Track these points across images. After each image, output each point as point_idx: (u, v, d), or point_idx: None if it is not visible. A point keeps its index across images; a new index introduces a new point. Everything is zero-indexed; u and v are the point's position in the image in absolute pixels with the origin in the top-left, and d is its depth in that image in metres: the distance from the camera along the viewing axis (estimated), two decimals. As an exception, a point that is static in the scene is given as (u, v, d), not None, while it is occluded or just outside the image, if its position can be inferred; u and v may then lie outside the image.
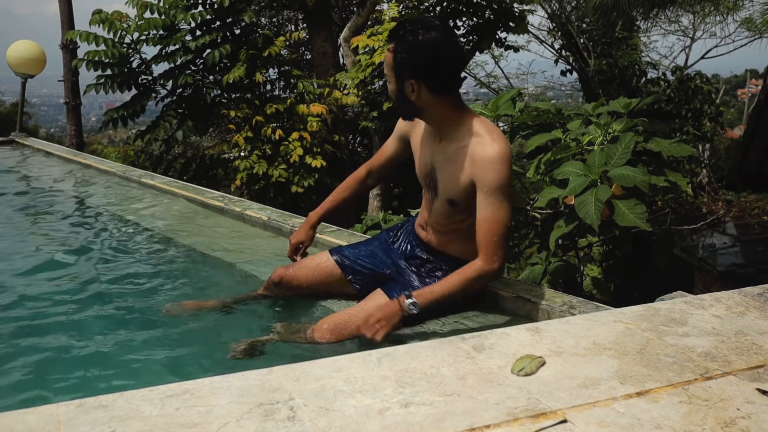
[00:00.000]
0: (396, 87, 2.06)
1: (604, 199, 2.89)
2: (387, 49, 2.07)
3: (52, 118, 38.19)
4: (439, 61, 2.00)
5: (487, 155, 1.99)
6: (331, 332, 2.06)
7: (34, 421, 1.15)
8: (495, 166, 1.98)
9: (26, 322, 2.34)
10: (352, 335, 2.06)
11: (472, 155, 2.02)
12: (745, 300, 1.76)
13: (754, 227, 10.58)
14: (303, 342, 2.10)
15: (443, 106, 2.06)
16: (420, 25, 2.00)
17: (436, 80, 2.02)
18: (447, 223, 2.20)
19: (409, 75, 2.01)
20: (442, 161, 2.12)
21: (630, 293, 3.95)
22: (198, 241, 3.33)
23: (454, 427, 1.16)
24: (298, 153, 8.00)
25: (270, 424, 1.15)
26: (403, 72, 2.02)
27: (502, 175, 1.99)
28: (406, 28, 2.02)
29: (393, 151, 2.42)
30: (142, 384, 1.30)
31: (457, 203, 2.12)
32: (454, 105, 2.08)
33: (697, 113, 11.04)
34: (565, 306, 2.10)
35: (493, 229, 1.99)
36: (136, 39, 8.57)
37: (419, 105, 2.06)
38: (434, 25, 2.00)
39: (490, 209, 1.99)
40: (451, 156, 2.09)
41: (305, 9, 9.33)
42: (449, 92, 2.06)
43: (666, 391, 1.29)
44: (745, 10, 12.94)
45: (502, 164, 1.99)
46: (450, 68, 2.05)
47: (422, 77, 2.01)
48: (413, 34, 1.99)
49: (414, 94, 2.03)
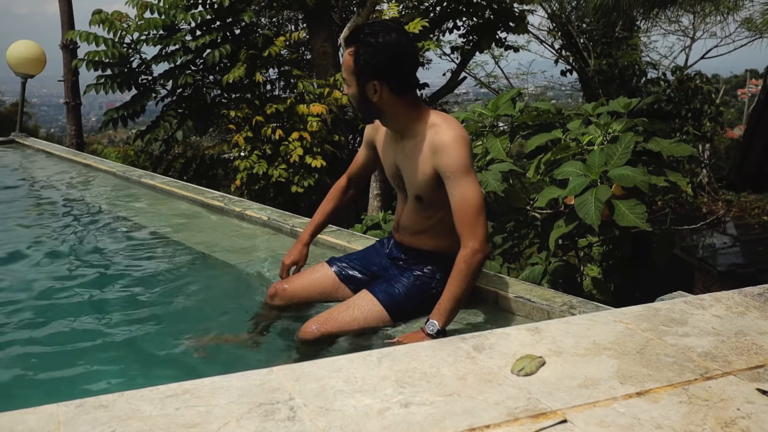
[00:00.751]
0: (357, 90, 2.11)
1: (604, 199, 2.90)
2: (348, 53, 2.10)
3: (52, 118, 38.19)
4: (399, 62, 2.07)
5: (444, 141, 2.04)
6: (317, 327, 2.10)
7: (34, 421, 1.15)
8: (452, 149, 2.02)
9: (26, 322, 2.34)
10: (336, 329, 2.09)
11: (431, 145, 2.07)
12: (745, 300, 1.76)
13: (754, 227, 10.58)
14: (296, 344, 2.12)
15: (403, 105, 2.12)
16: (380, 28, 2.07)
17: (397, 80, 2.08)
18: (417, 221, 2.24)
19: (372, 76, 2.06)
20: (404, 159, 2.17)
21: (630, 293, 3.95)
22: (198, 241, 3.33)
23: (454, 427, 1.16)
24: (298, 153, 7.99)
25: (270, 424, 1.15)
26: (366, 74, 2.06)
27: (461, 156, 2.02)
28: (365, 31, 2.08)
29: (364, 159, 2.50)
30: (142, 384, 1.30)
31: (423, 198, 2.17)
32: (413, 104, 2.13)
33: (697, 113, 11.04)
34: (565, 306, 2.10)
35: (466, 211, 2.01)
36: (136, 39, 8.56)
37: (380, 106, 2.11)
38: (393, 27, 2.07)
39: (459, 192, 2.02)
40: (411, 152, 2.14)
41: (305, 9, 9.32)
42: (408, 92, 2.13)
43: (666, 391, 1.29)
44: (745, 10, 12.95)
45: (460, 146, 2.03)
46: (409, 68, 2.12)
47: (384, 78, 2.06)
48: (374, 36, 2.05)
49: (376, 96, 2.08)
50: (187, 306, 2.55)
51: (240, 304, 2.50)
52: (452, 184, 2.03)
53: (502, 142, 3.45)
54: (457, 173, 2.01)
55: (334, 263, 2.42)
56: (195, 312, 2.50)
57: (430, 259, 2.24)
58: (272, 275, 2.74)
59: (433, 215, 2.19)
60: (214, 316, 2.46)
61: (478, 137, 3.68)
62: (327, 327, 2.09)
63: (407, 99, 2.12)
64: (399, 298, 2.19)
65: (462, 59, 10.78)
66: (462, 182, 2.01)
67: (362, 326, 2.13)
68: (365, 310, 2.15)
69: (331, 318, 2.12)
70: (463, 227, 2.01)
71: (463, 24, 10.12)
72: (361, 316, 2.13)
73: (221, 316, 2.46)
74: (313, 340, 2.08)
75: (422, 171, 2.10)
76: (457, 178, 2.02)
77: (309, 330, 2.10)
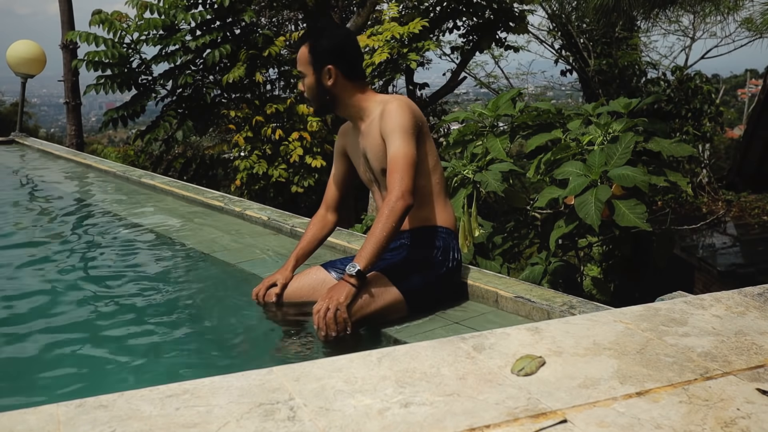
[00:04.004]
0: (314, 78, 2.29)
1: (604, 199, 2.90)
2: (303, 48, 2.30)
3: (52, 118, 38.20)
4: (350, 48, 2.33)
5: (388, 108, 2.20)
6: None
7: (34, 421, 1.15)
8: (393, 113, 2.18)
9: (26, 322, 2.33)
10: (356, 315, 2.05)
11: (380, 116, 2.23)
12: (745, 300, 1.76)
13: (754, 227, 10.58)
14: None
15: (355, 90, 2.31)
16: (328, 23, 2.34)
17: (349, 64, 2.30)
18: None
19: (327, 60, 2.26)
20: (365, 140, 2.31)
21: (630, 293, 3.96)
22: (198, 241, 3.33)
23: (454, 427, 1.16)
24: (298, 153, 7.99)
25: (270, 424, 1.15)
26: (321, 59, 2.26)
27: (400, 118, 2.16)
28: (317, 26, 2.39)
29: (341, 172, 2.56)
30: (142, 384, 1.30)
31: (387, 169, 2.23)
32: (362, 87, 2.33)
33: (697, 113, 11.04)
34: (565, 306, 2.10)
35: (397, 163, 2.12)
36: (136, 39, 8.56)
37: (335, 92, 2.29)
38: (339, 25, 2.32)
39: (393, 148, 2.14)
40: (368, 131, 2.30)
41: (305, 9, 9.32)
42: (358, 77, 2.32)
43: (666, 391, 1.29)
44: (745, 10, 12.94)
45: (401, 110, 2.18)
46: (356, 54, 2.35)
47: (338, 61, 2.26)
48: (326, 29, 2.33)
49: (331, 80, 2.27)
50: (187, 306, 2.55)
51: (240, 304, 2.50)
52: (389, 142, 2.16)
53: (502, 142, 3.46)
54: (393, 132, 2.15)
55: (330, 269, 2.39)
56: (195, 312, 2.50)
57: (418, 235, 2.29)
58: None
59: None
60: (213, 316, 2.46)
61: (478, 137, 3.68)
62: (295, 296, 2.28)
63: (359, 85, 2.32)
64: (399, 266, 2.21)
65: (462, 59, 10.78)
66: (396, 140, 2.14)
67: (377, 304, 2.10)
68: (372, 286, 2.10)
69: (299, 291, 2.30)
70: (391, 178, 2.11)
71: (463, 24, 10.12)
72: (375, 293, 2.09)
73: (221, 316, 2.46)
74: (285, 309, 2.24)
75: (377, 143, 2.24)
76: (392, 136, 2.15)
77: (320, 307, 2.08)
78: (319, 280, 2.35)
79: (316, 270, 2.40)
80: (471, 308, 2.29)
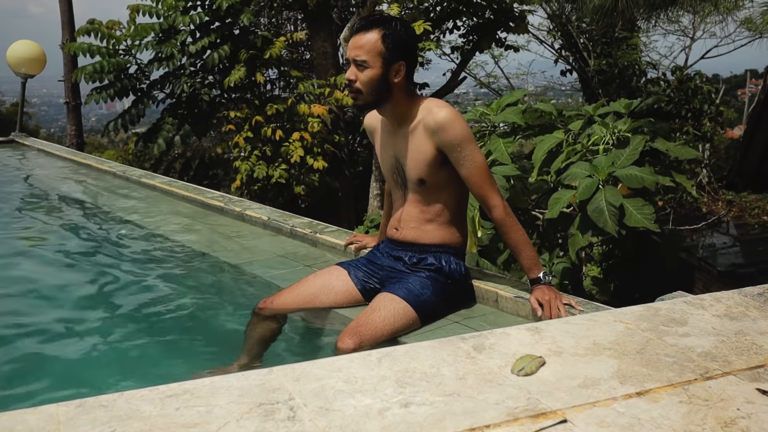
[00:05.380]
0: (381, 71, 2.14)
1: (617, 204, 2.89)
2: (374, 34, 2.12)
3: (52, 118, 38.19)
4: (417, 47, 2.23)
5: (442, 119, 2.12)
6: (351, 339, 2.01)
7: (34, 421, 1.15)
8: (453, 123, 2.12)
9: (26, 323, 2.33)
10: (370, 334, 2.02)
11: (428, 126, 2.15)
12: (745, 300, 1.76)
13: (754, 227, 10.58)
14: None
15: (407, 90, 2.21)
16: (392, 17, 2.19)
17: (414, 64, 2.22)
18: (422, 209, 2.25)
19: (400, 56, 2.14)
20: (403, 145, 2.23)
21: (630, 293, 3.95)
22: (198, 241, 3.33)
23: (454, 427, 1.16)
24: (299, 153, 7.98)
25: (270, 424, 1.15)
26: (395, 53, 2.13)
27: (463, 128, 2.13)
28: (390, 17, 2.19)
29: None
30: (142, 384, 1.30)
31: (427, 181, 2.20)
32: (412, 90, 2.25)
33: (697, 113, 11.03)
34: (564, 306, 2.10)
35: (481, 174, 2.15)
36: (131, 45, 8.51)
37: (394, 90, 2.18)
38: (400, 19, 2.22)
39: (469, 160, 2.14)
40: (410, 137, 2.21)
41: (305, 9, 9.31)
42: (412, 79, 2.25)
43: (666, 391, 1.29)
44: (745, 10, 12.94)
45: (458, 119, 2.14)
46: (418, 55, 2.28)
47: (408, 58, 2.16)
48: (398, 20, 2.17)
49: (397, 77, 2.16)
50: (187, 306, 2.55)
51: (240, 304, 2.50)
52: (461, 155, 2.13)
53: (506, 144, 3.43)
54: (463, 143, 2.12)
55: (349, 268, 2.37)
56: (195, 312, 2.50)
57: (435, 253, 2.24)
58: (272, 275, 2.74)
59: (436, 201, 2.23)
60: (214, 316, 2.46)
61: (481, 138, 3.67)
62: (362, 335, 2.01)
63: (410, 85, 2.23)
64: (416, 291, 2.16)
65: (462, 59, 10.78)
66: (469, 151, 2.13)
67: (393, 326, 2.07)
68: (390, 308, 2.09)
69: (362, 324, 2.05)
70: (482, 189, 2.15)
71: (463, 24, 10.11)
72: (390, 315, 2.08)
73: (221, 316, 2.46)
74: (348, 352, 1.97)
75: (423, 151, 2.17)
76: (464, 148, 2.12)
77: (345, 344, 2.01)
78: (319, 286, 2.33)
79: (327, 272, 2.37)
80: (471, 308, 2.28)
